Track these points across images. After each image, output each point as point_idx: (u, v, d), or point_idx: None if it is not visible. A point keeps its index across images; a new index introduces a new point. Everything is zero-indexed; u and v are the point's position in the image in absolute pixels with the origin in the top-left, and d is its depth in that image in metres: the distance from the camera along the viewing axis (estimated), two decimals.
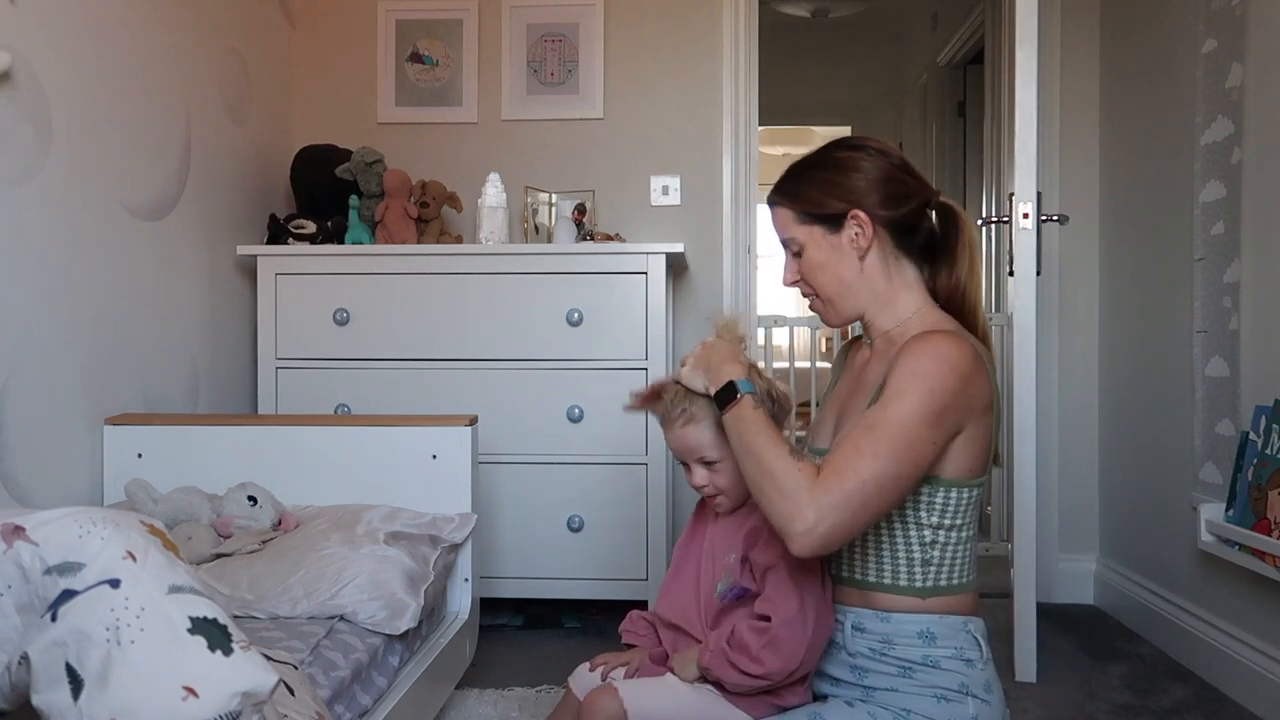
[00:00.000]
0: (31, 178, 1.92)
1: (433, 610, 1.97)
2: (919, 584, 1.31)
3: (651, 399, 1.47)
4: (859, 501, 1.18)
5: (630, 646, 1.50)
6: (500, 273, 2.66)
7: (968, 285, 1.41)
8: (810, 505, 1.17)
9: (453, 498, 2.12)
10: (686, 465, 1.42)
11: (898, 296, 1.39)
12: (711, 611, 1.38)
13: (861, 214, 1.35)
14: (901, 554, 1.31)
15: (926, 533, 1.30)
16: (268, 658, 1.03)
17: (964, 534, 1.33)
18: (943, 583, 1.31)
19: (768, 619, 1.27)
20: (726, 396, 1.30)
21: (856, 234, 1.36)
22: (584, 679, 1.46)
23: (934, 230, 1.41)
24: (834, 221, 1.37)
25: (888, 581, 1.32)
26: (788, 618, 1.26)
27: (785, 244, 1.43)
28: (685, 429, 1.38)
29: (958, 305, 1.41)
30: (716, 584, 1.37)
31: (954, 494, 1.30)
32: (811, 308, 1.46)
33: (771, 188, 1.45)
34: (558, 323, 2.64)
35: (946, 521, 1.31)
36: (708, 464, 1.39)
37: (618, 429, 2.63)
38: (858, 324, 1.46)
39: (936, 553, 1.31)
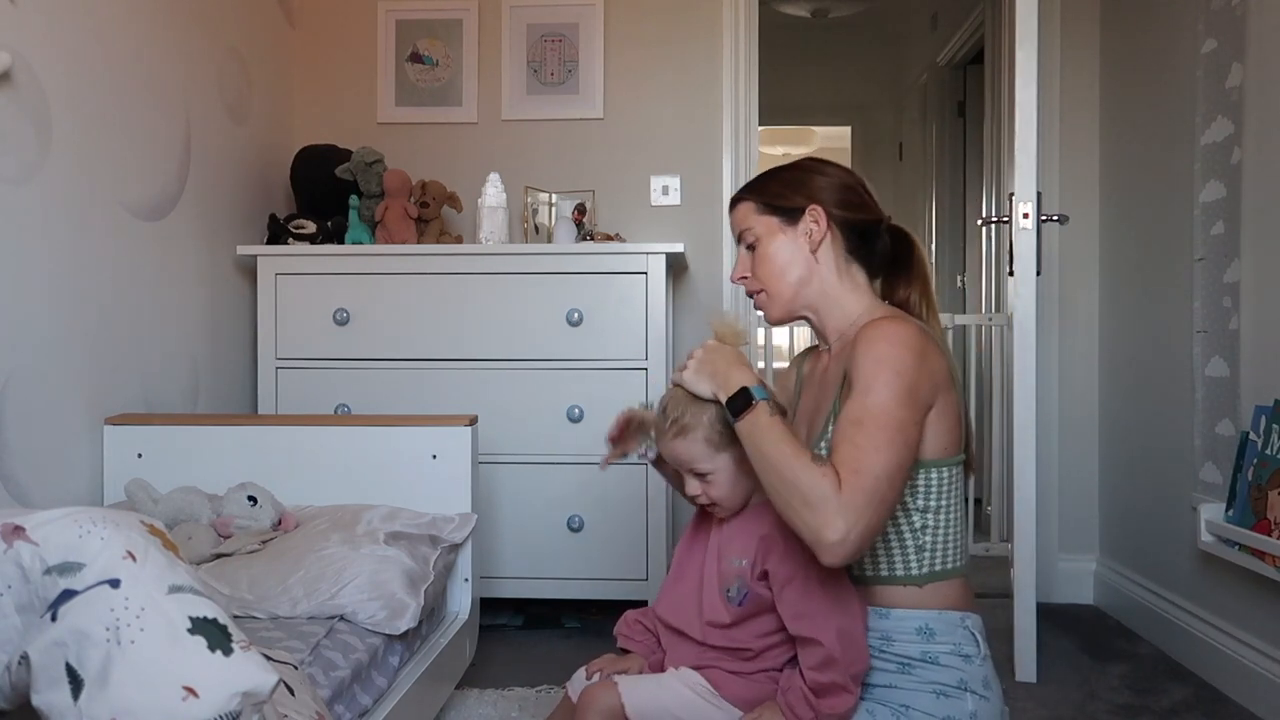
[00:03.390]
0: (31, 178, 1.92)
1: (433, 610, 1.97)
2: (915, 572, 1.33)
3: (624, 436, 1.53)
4: (879, 498, 1.20)
5: (625, 651, 1.50)
6: (500, 273, 2.65)
7: (921, 302, 1.48)
8: (839, 513, 1.17)
9: (453, 498, 2.12)
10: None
11: (847, 296, 1.44)
12: (713, 613, 1.35)
13: (819, 209, 1.42)
14: (895, 544, 1.33)
15: (916, 518, 1.33)
16: (268, 658, 1.03)
17: (952, 515, 1.35)
18: (938, 567, 1.33)
19: (818, 643, 1.24)
20: (740, 404, 1.28)
21: (812, 227, 1.42)
22: (582, 685, 1.44)
23: (889, 249, 1.49)
24: (792, 214, 1.43)
25: (885, 573, 1.34)
26: (840, 626, 1.24)
27: (740, 237, 1.48)
28: (675, 441, 1.36)
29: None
30: (722, 587, 1.35)
31: (934, 474, 1.33)
32: (757, 305, 1.49)
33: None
34: (557, 323, 2.64)
35: (933, 504, 1.33)
36: (700, 475, 1.36)
37: None
38: (806, 335, 1.49)
39: (928, 538, 1.33)
